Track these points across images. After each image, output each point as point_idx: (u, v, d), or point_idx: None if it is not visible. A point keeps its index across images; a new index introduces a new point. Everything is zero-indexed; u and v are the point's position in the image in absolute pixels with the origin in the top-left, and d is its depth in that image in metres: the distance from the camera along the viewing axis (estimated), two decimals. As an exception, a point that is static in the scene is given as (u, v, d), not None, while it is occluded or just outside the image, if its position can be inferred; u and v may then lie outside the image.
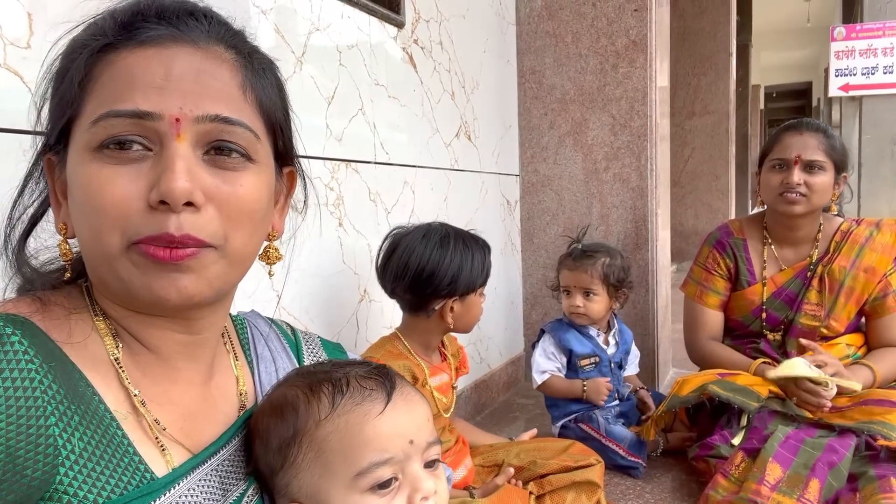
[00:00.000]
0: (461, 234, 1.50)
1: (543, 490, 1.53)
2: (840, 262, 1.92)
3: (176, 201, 0.55)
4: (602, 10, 2.55)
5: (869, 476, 1.47)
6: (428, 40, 2.06)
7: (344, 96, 1.65)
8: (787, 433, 1.60)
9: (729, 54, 6.23)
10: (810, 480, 1.46)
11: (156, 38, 0.58)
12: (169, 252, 0.56)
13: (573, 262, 2.02)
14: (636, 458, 1.87)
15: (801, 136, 1.90)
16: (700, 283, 2.08)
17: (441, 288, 1.44)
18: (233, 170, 0.60)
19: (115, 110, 0.55)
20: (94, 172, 0.56)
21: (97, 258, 0.59)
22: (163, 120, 0.56)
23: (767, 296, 1.99)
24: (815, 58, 13.73)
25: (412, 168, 1.97)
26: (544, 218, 2.72)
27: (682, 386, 1.84)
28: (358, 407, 0.67)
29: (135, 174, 0.56)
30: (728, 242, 2.06)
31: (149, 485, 0.58)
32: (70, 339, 0.60)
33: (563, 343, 2.01)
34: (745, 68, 9.01)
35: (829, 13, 10.72)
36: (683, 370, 2.88)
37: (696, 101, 6.27)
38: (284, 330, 0.88)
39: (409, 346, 1.50)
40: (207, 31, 0.61)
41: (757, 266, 2.02)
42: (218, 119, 0.58)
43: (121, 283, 0.59)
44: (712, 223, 6.26)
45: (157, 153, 0.57)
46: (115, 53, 0.58)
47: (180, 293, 0.58)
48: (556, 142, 2.67)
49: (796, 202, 1.87)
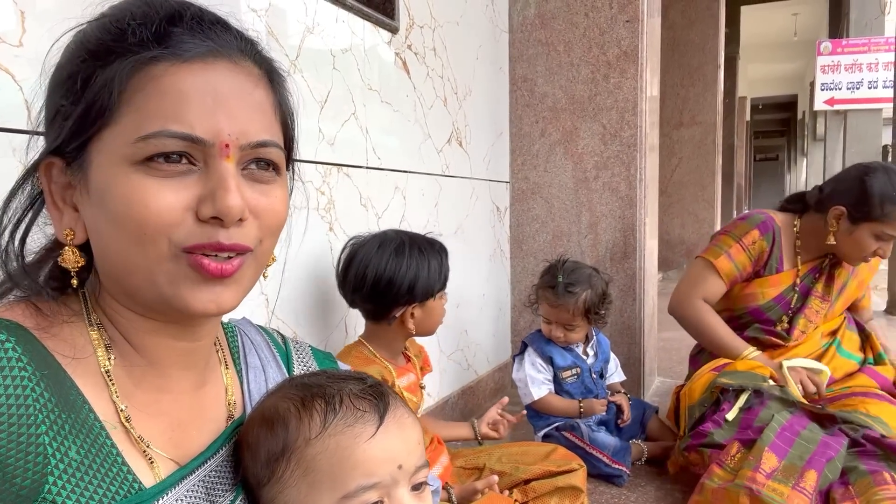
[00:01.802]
0: (417, 241, 1.51)
1: (527, 497, 1.54)
2: (846, 267, 2.05)
3: (232, 218, 0.58)
4: (594, 20, 2.57)
5: (860, 471, 1.50)
6: (421, 46, 2.06)
7: (337, 100, 1.65)
8: (783, 424, 1.63)
9: (717, 66, 6.31)
10: (806, 471, 1.49)
11: (199, 54, 0.59)
12: (220, 267, 0.59)
13: (555, 299, 1.98)
14: (620, 465, 1.88)
15: None
16: (726, 251, 2.03)
17: (400, 296, 1.45)
18: (267, 183, 0.63)
19: (170, 131, 0.56)
20: (137, 184, 0.56)
21: (131, 266, 0.59)
22: (214, 146, 0.58)
23: (791, 285, 2.04)
24: (801, 71, 13.93)
25: (403, 173, 1.97)
26: (534, 225, 2.73)
27: (690, 395, 1.86)
28: (349, 429, 0.66)
29: (180, 186, 0.58)
30: (772, 227, 2.04)
31: (137, 495, 0.58)
32: (64, 348, 0.59)
33: (547, 354, 2.02)
34: (733, 80, 9.12)
35: (816, 28, 10.89)
36: (668, 379, 2.90)
37: (683, 112, 6.33)
38: (275, 339, 0.88)
39: (375, 351, 1.52)
40: (238, 44, 0.62)
41: (787, 256, 2.06)
42: (259, 145, 0.61)
43: (156, 291, 0.60)
44: (698, 233, 6.32)
45: (202, 169, 0.59)
46: (156, 67, 0.57)
47: (220, 307, 0.61)
48: (547, 150, 2.68)
49: (868, 261, 1.99)
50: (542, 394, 1.99)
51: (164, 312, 0.62)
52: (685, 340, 2.36)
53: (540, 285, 2.06)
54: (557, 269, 2.03)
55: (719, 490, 1.50)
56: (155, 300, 0.61)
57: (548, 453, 1.66)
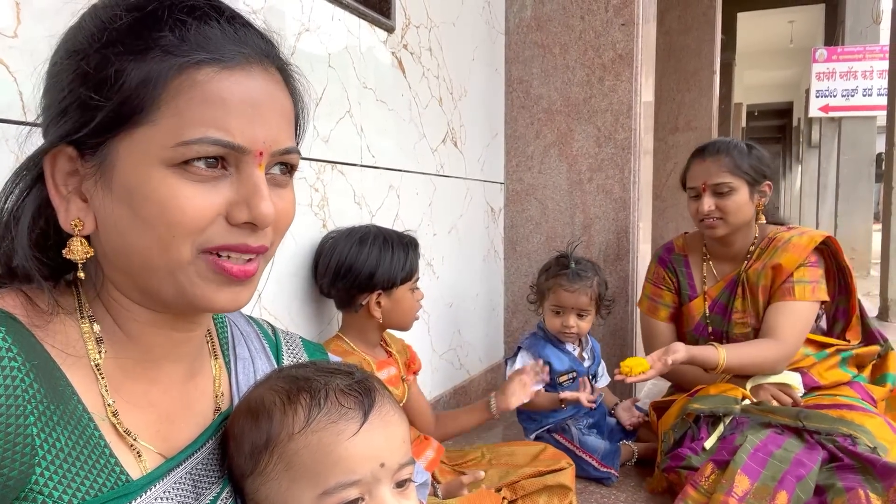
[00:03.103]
0: (384, 233, 1.56)
1: (516, 495, 1.54)
2: (755, 266, 1.96)
3: (266, 224, 0.61)
4: (590, 23, 2.58)
5: (837, 488, 1.49)
6: (417, 46, 2.07)
7: (332, 98, 1.66)
8: (756, 444, 1.62)
9: (713, 72, 6.32)
10: (778, 492, 1.48)
11: (239, 62, 0.59)
12: (243, 269, 0.61)
13: (570, 284, 1.99)
14: (609, 468, 1.89)
15: (703, 162, 1.94)
16: (650, 297, 2.16)
17: (360, 281, 1.49)
18: (283, 186, 0.65)
19: (212, 139, 0.57)
20: (172, 187, 0.57)
21: (153, 266, 0.59)
22: (250, 153, 0.60)
23: (706, 311, 2.04)
24: (796, 78, 13.99)
25: (398, 172, 1.97)
26: (528, 226, 2.74)
27: (664, 421, 1.88)
28: (332, 425, 0.66)
29: (212, 191, 0.59)
30: (669, 259, 2.13)
31: (124, 487, 0.58)
32: (54, 339, 0.59)
33: (543, 358, 2.02)
34: (729, 86, 9.15)
35: (812, 35, 10.94)
36: (661, 381, 2.90)
37: (679, 117, 6.35)
38: (265, 329, 0.88)
39: (352, 343, 1.55)
40: (265, 48, 0.63)
41: (697, 281, 2.08)
42: (286, 152, 0.63)
43: (177, 290, 0.61)
44: (693, 237, 6.33)
45: (233, 174, 0.60)
46: (199, 71, 0.57)
47: (238, 305, 0.64)
48: (542, 151, 2.69)
49: (714, 226, 1.92)
50: (532, 395, 1.99)
51: (177, 307, 0.63)
52: (677, 343, 2.38)
53: (550, 275, 2.07)
54: (567, 257, 2.07)
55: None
56: (174, 298, 0.61)
57: (537, 454, 1.67)
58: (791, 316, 1.88)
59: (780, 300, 1.90)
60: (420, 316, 1.67)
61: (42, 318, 0.60)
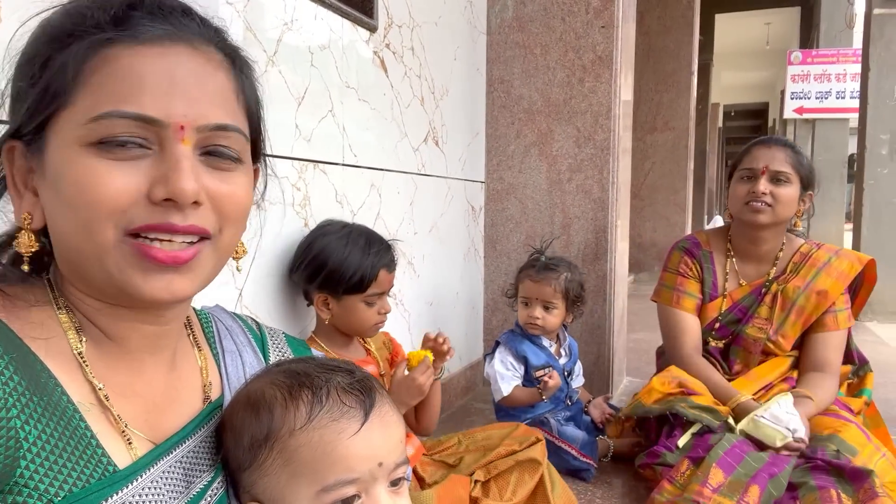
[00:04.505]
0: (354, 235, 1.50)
1: (490, 474, 1.55)
2: (795, 283, 1.97)
3: (186, 200, 0.58)
4: (571, 24, 2.61)
5: (810, 486, 1.53)
6: (400, 45, 2.07)
7: (314, 97, 1.66)
8: (733, 442, 1.65)
9: (691, 73, 6.41)
10: (750, 486, 1.52)
11: (157, 37, 0.58)
12: (174, 254, 0.59)
13: (536, 275, 2.05)
14: (588, 458, 1.91)
15: (769, 149, 1.98)
16: (675, 288, 2.08)
17: (308, 275, 1.47)
18: (227, 170, 0.63)
19: (121, 111, 0.56)
20: (89, 167, 0.56)
21: (83, 252, 0.59)
22: (168, 127, 0.57)
23: (724, 310, 2.04)
24: (772, 80, 14.20)
25: (380, 171, 1.98)
26: (508, 225, 2.76)
27: (648, 394, 1.89)
28: (334, 423, 0.67)
29: (132, 170, 0.57)
30: (697, 253, 2.10)
31: (111, 476, 0.58)
32: (32, 331, 0.59)
33: (521, 354, 2.05)
34: (706, 87, 9.27)
35: (788, 37, 11.11)
36: (637, 379, 2.95)
37: (657, 117, 6.42)
38: (249, 325, 0.89)
39: (326, 346, 1.53)
40: (199, 30, 0.62)
41: (720, 280, 2.07)
42: (218, 127, 0.61)
43: (107, 278, 0.59)
44: (670, 236, 6.41)
45: (156, 152, 0.58)
46: (112, 48, 0.57)
47: (173, 294, 0.60)
48: (522, 151, 2.71)
49: (761, 211, 1.93)
50: (511, 389, 2.02)
51: (117, 297, 0.62)
52: (653, 341, 2.41)
53: (522, 268, 2.14)
54: (541, 251, 2.12)
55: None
56: (107, 286, 0.60)
57: (510, 432, 1.69)
58: (838, 348, 1.96)
59: (825, 331, 1.95)
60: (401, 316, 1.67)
61: (18, 312, 0.60)
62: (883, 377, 2.21)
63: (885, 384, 2.31)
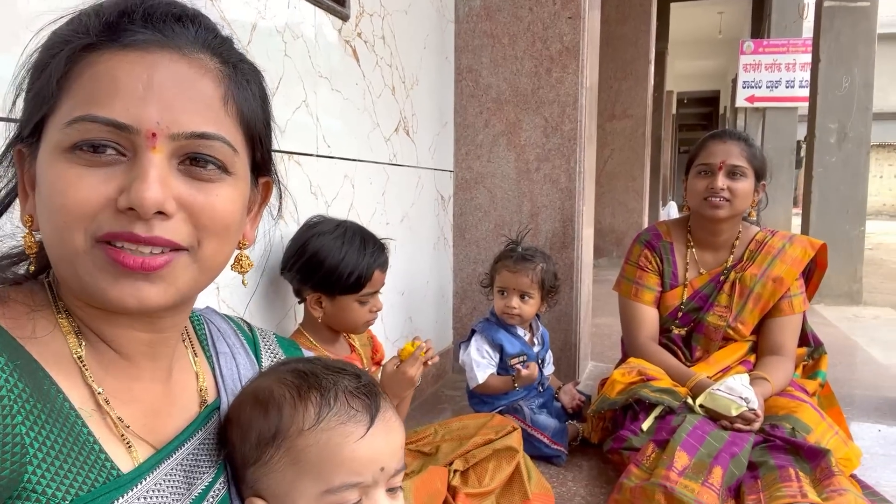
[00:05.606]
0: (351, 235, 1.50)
1: (468, 464, 1.58)
2: (752, 271, 2.06)
3: (146, 210, 0.56)
4: (538, 14, 2.63)
5: (769, 465, 1.60)
6: (371, 34, 2.06)
7: (288, 87, 1.64)
8: (695, 423, 1.72)
9: (648, 61, 6.52)
10: (713, 468, 1.58)
11: (140, 42, 0.58)
12: (141, 261, 0.57)
13: (514, 265, 2.08)
14: (559, 445, 1.96)
15: (724, 143, 2.04)
16: (634, 281, 2.16)
17: (304, 274, 1.48)
18: (208, 181, 0.61)
19: (92, 115, 0.55)
20: (62, 171, 0.56)
21: (59, 256, 0.59)
22: (139, 134, 0.56)
23: (685, 298, 2.11)
24: (724, 68, 14.54)
25: (353, 162, 1.97)
26: (476, 214, 2.79)
27: (611, 387, 1.94)
28: (342, 426, 0.68)
29: (105, 177, 0.56)
30: (657, 245, 2.17)
31: (115, 481, 0.59)
32: (32, 336, 0.59)
33: (496, 342, 2.08)
34: (661, 75, 9.44)
35: (740, 27, 11.38)
36: (601, 364, 3.03)
37: (616, 105, 6.53)
38: (241, 326, 0.89)
39: (314, 339, 1.54)
40: (194, 37, 0.61)
41: (680, 269, 2.14)
42: (194, 136, 0.59)
43: (80, 283, 0.59)
44: (628, 222, 6.55)
45: (130, 159, 0.57)
46: (96, 54, 0.57)
47: (141, 302, 0.59)
48: (491, 140, 2.73)
49: (720, 206, 2.00)
50: (486, 377, 2.05)
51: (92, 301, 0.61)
52: (616, 326, 2.48)
53: (498, 258, 2.16)
54: (516, 242, 2.15)
55: (637, 489, 1.57)
56: (81, 291, 0.60)
57: (485, 422, 1.72)
58: (794, 331, 2.06)
59: (781, 315, 2.05)
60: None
61: (19, 318, 0.60)
62: (832, 358, 2.32)
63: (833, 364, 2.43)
